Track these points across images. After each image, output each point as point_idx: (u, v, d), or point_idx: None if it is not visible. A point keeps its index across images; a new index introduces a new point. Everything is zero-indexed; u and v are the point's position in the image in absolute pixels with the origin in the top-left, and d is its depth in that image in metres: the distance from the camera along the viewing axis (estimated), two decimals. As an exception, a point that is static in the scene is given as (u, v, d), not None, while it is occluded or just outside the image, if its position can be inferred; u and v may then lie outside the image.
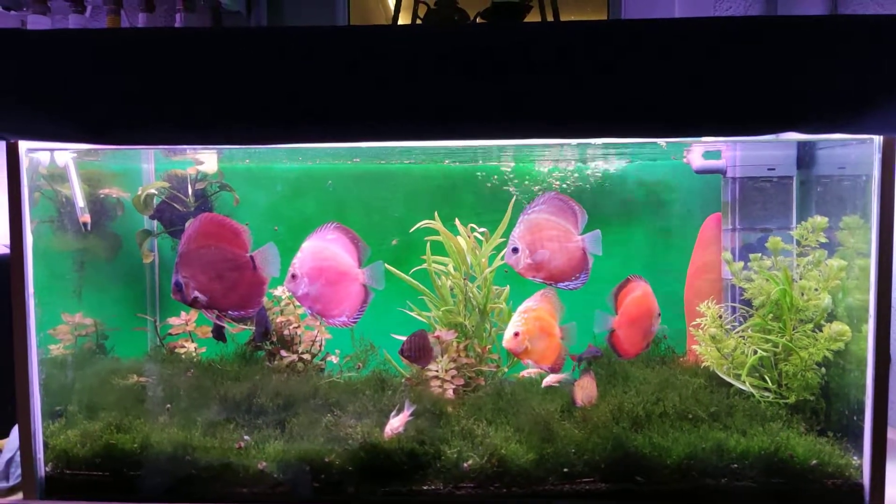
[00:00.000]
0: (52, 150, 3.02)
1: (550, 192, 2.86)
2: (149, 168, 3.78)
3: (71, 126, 2.50)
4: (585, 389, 2.97)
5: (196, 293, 2.84)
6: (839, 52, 2.42)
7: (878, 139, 2.68)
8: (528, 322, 2.85)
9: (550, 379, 3.06)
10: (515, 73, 2.43)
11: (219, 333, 3.52)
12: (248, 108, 2.49)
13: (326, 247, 2.91)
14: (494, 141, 2.95)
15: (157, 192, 3.62)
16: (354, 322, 2.94)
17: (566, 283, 2.85)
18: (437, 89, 2.46)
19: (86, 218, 3.30)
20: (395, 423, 2.88)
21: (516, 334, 2.83)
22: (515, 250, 2.80)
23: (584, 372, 3.03)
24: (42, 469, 2.88)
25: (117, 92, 2.48)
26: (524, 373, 3.40)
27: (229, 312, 2.94)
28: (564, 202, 2.84)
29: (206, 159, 3.55)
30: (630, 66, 2.42)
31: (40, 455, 2.87)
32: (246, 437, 2.94)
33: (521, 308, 2.90)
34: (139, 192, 3.59)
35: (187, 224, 2.85)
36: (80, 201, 3.27)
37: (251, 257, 2.85)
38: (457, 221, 3.67)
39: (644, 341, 3.00)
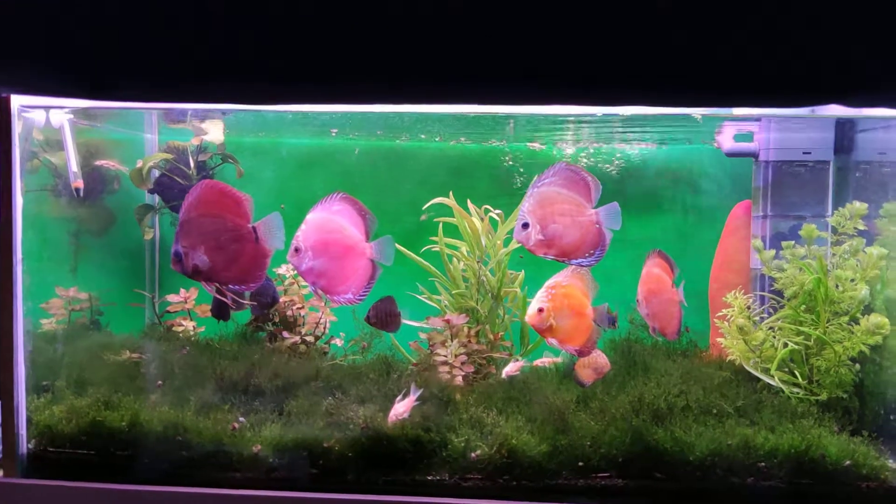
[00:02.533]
0: (47, 107, 2.87)
1: (561, 162, 2.65)
2: (152, 138, 3.64)
3: (64, 79, 2.33)
4: (588, 367, 2.81)
5: (196, 264, 2.69)
6: (886, 14, 2.23)
7: (926, 117, 2.50)
8: (556, 298, 2.63)
9: (511, 367, 2.87)
10: (536, 34, 2.25)
11: (219, 312, 3.38)
12: (254, 62, 2.30)
13: (332, 219, 2.74)
14: (514, 108, 2.78)
15: (156, 165, 3.46)
16: (361, 299, 2.77)
17: (580, 261, 2.64)
18: (454, 49, 2.28)
19: (79, 183, 3.15)
20: (400, 409, 2.72)
21: (540, 310, 2.61)
22: (525, 226, 2.58)
23: None
24: (24, 445, 2.74)
25: (116, 40, 2.28)
26: (538, 361, 3.24)
27: (230, 286, 2.79)
28: (576, 173, 2.62)
29: (210, 128, 3.39)
30: (653, 28, 2.23)
31: (23, 431, 2.73)
32: (241, 419, 2.79)
33: (548, 283, 2.69)
34: (139, 165, 3.44)
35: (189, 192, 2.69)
36: (74, 166, 3.12)
37: (253, 228, 2.69)
38: (469, 203, 3.52)
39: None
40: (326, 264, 2.72)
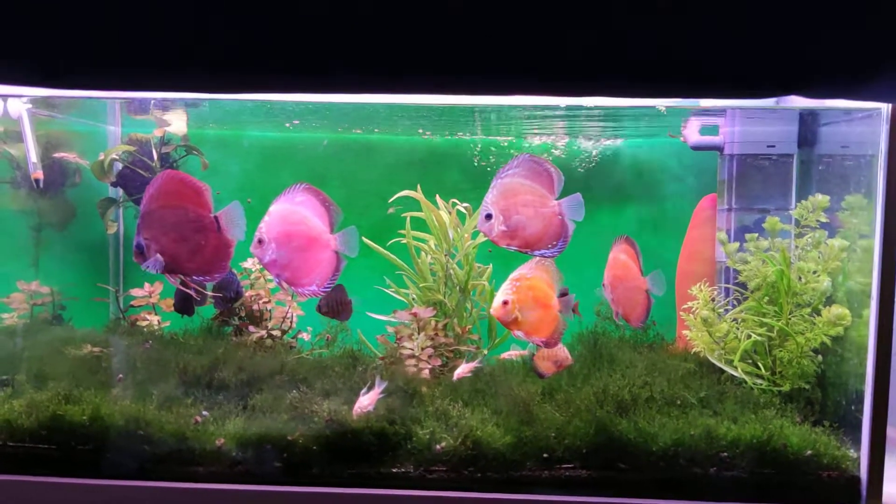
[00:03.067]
0: (4, 96, 2.81)
1: (525, 154, 2.65)
2: (115, 130, 3.57)
3: (21, 66, 2.26)
4: (548, 359, 2.82)
5: (159, 256, 2.65)
6: (847, 9, 2.25)
7: (885, 109, 2.52)
8: (521, 290, 2.63)
9: (463, 369, 2.86)
10: (497, 21, 2.22)
11: (183, 307, 3.32)
12: (227, 47, 2.22)
13: (295, 210, 2.71)
14: (480, 99, 2.76)
15: (118, 158, 3.40)
16: (325, 292, 2.75)
17: (543, 252, 2.64)
18: (427, 34, 2.24)
19: (38, 174, 3.09)
20: (365, 402, 2.70)
21: (505, 302, 2.61)
22: (489, 217, 2.58)
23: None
24: (-18, 440, 2.68)
25: (78, 23, 2.20)
26: (505, 354, 3.23)
27: (194, 277, 2.76)
28: (539, 164, 2.62)
29: (173, 119, 3.33)
30: (608, 18, 2.21)
31: (-19, 425, 2.68)
32: (204, 413, 2.75)
33: (513, 275, 2.68)
34: (101, 158, 3.37)
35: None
36: (34, 156, 3.06)
37: (215, 217, 2.66)
38: (437, 197, 3.50)
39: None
40: (290, 256, 2.69)
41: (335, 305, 2.87)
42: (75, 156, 3.39)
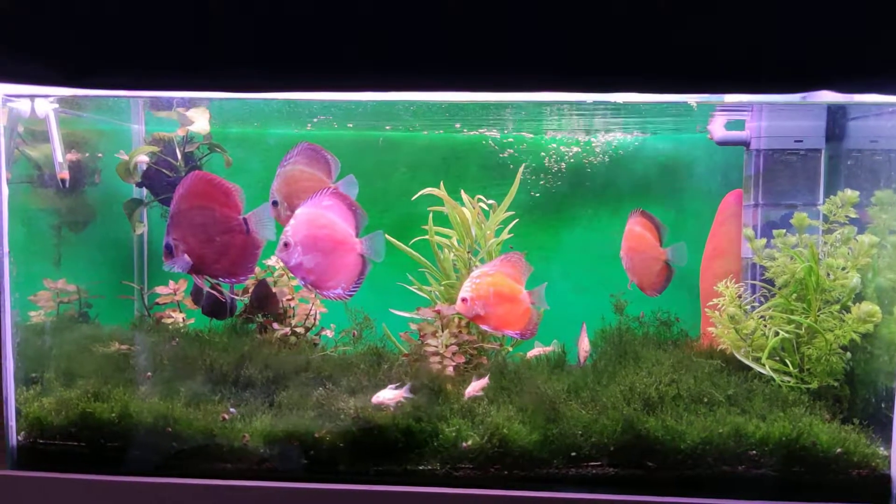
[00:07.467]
0: (32, 96, 2.82)
1: (303, 142, 2.82)
2: (139, 129, 3.59)
3: (45, 65, 2.25)
4: (581, 348, 3.01)
5: (186, 256, 2.67)
6: (876, 3, 2.21)
7: (918, 103, 2.49)
8: (480, 287, 2.76)
9: (473, 388, 2.87)
10: (516, 15, 2.19)
11: (213, 310, 3.34)
12: (254, 45, 2.16)
13: (322, 214, 2.72)
14: (497, 96, 2.75)
15: (146, 158, 3.41)
16: (350, 295, 2.77)
17: None
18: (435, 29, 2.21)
19: (64, 174, 3.11)
20: (388, 396, 2.71)
21: (464, 300, 2.75)
22: (275, 203, 2.80)
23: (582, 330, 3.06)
24: (14, 438, 2.71)
25: (101, 22, 2.19)
26: (531, 353, 3.23)
27: (220, 279, 2.79)
28: (317, 152, 2.82)
29: (196, 117, 3.33)
30: (644, 14, 2.18)
31: (12, 423, 2.70)
32: (232, 410, 2.77)
33: (474, 273, 2.82)
34: (126, 159, 3.39)
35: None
36: (59, 156, 3.07)
37: (244, 219, 2.67)
38: (462, 193, 3.49)
39: None
40: (316, 260, 2.71)
41: (262, 299, 3.14)
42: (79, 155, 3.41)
